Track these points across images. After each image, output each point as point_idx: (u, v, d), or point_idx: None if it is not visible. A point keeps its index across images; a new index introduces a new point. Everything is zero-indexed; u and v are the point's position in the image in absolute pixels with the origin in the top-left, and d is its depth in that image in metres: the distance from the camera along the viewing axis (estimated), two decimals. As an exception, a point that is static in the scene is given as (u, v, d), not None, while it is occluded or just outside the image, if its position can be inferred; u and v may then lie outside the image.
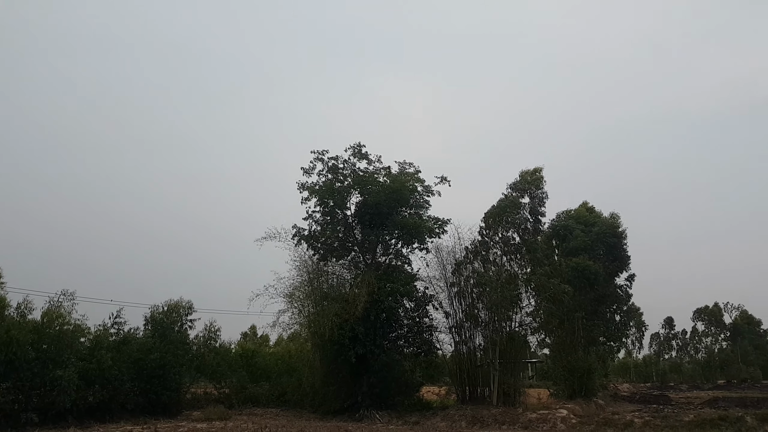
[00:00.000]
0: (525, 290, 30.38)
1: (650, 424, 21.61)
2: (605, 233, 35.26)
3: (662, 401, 33.76)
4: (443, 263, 30.18)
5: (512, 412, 24.40)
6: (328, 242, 28.82)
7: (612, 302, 36.25)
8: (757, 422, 20.24)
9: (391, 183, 28.78)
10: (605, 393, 36.05)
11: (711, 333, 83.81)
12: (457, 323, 29.73)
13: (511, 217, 30.37)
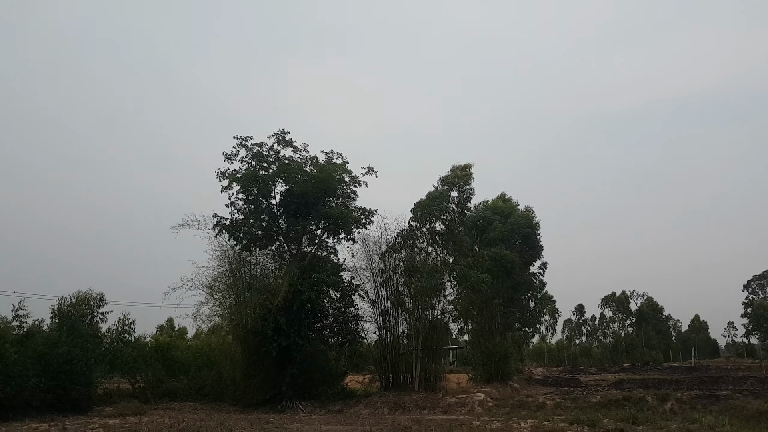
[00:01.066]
0: (448, 279, 31.27)
1: (561, 406, 22.90)
2: (521, 224, 36.84)
3: (573, 384, 35.86)
4: (370, 253, 30.45)
5: (433, 397, 25.08)
6: (251, 232, 28.11)
7: (527, 290, 37.98)
8: (657, 402, 21.95)
9: (318, 172, 28.45)
10: (520, 377, 37.75)
11: (618, 319, 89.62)
12: (383, 312, 30.16)
13: (439, 209, 31.06)
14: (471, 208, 34.12)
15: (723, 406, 19.95)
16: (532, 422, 18.26)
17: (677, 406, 20.95)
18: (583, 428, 16.71)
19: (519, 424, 17.95)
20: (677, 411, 20.32)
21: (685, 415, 19.36)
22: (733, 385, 28.30)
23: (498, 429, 16.58)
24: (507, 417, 20.25)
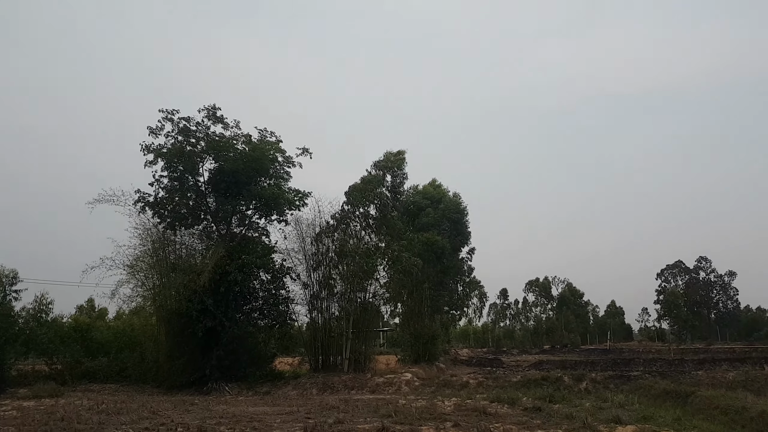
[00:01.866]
0: (380, 263, 31.48)
1: (483, 385, 23.71)
2: (450, 210, 37.58)
3: (495, 364, 37.04)
4: (302, 236, 30.14)
5: (361, 378, 25.28)
6: (176, 210, 27.02)
7: (456, 274, 38.89)
8: (573, 381, 23.12)
9: (250, 151, 27.66)
10: (447, 357, 38.70)
11: (540, 303, 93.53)
12: (314, 295, 30.00)
13: (373, 193, 31.14)
14: (403, 192, 34.40)
15: (633, 386, 21.30)
16: (455, 400, 18.74)
17: (591, 386, 22.14)
18: (503, 406, 17.30)
19: (443, 402, 18.37)
20: (591, 390, 21.48)
21: (598, 393, 20.50)
22: (643, 366, 30.14)
23: (423, 407, 16.86)
24: (432, 396, 20.71)
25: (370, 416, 15.11)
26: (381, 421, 13.32)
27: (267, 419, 15.10)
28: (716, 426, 12.78)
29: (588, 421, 13.33)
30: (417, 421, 14.11)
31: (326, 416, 15.21)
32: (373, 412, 16.01)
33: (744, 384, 20.10)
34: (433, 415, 15.16)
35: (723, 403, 14.32)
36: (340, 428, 13.14)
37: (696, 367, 26.15)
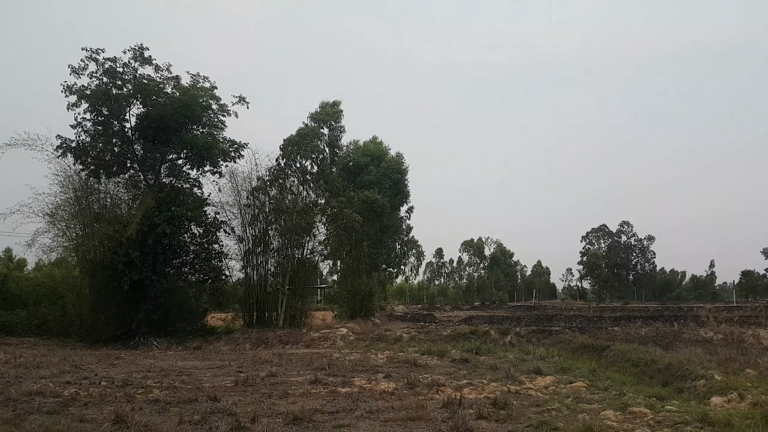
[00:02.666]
0: (319, 219, 31.20)
1: (416, 339, 24.34)
2: (392, 169, 37.46)
3: (429, 320, 38.22)
4: (238, 189, 29.25)
5: (296, 333, 25.33)
6: (100, 156, 25.54)
7: (394, 233, 39.21)
8: (499, 335, 24.08)
9: (181, 96, 26.26)
10: (382, 313, 39.53)
11: (473, 263, 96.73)
12: (250, 250, 29.43)
13: (310, 146, 30.40)
14: (342, 147, 33.82)
15: (554, 340, 22.46)
16: (388, 353, 19.16)
17: (516, 340, 23.18)
18: (433, 358, 17.85)
19: (376, 355, 18.74)
20: (516, 343, 22.49)
21: (522, 347, 21.50)
22: (564, 322, 31.93)
23: (356, 360, 17.14)
24: (366, 349, 21.06)
25: (303, 369, 15.19)
26: (314, 374, 13.41)
27: (197, 373, 14.88)
28: (627, 377, 13.67)
29: (511, 372, 13.97)
30: (350, 373, 14.32)
31: (259, 370, 15.15)
32: (307, 365, 16.12)
33: (654, 339, 21.60)
34: (365, 368, 15.45)
35: (634, 357, 15.31)
36: (273, 381, 13.13)
37: (613, 323, 27.92)
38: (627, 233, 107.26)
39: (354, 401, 10.26)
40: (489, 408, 9.45)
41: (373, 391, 11.45)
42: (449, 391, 11.28)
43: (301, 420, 8.57)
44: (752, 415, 8.36)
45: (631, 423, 8.43)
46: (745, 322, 27.62)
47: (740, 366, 14.55)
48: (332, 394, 11.11)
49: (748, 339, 20.95)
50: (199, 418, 8.67)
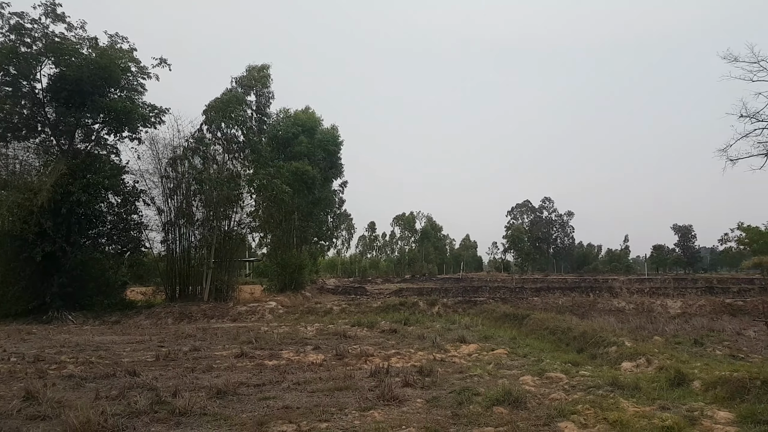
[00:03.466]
0: (247, 190, 30.35)
1: (346, 311, 24.49)
2: (327, 141, 36.85)
3: (360, 292, 38.47)
4: (159, 157, 27.92)
5: (222, 307, 24.77)
6: (7, 119, 23.57)
7: (327, 206, 38.88)
8: (427, 306, 24.63)
9: (98, 57, 24.62)
10: (313, 287, 39.32)
11: (405, 237, 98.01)
12: (171, 221, 28.28)
13: (236, 113, 29.18)
14: (271, 116, 32.65)
15: (478, 310, 23.27)
16: (318, 326, 19.17)
17: (443, 310, 23.82)
18: (362, 329, 18.03)
19: (306, 327, 18.68)
20: (443, 314, 23.13)
21: (448, 316, 22.15)
22: (489, 293, 33.07)
23: (285, 333, 17.01)
24: (296, 322, 20.96)
25: (229, 343, 14.91)
26: (240, 348, 13.20)
27: (115, 348, 14.28)
28: (545, 344, 14.38)
29: (437, 340, 14.35)
30: (278, 346, 14.20)
31: (182, 344, 14.75)
32: (233, 339, 15.84)
33: (571, 309, 22.85)
34: (294, 340, 15.37)
35: (552, 325, 16.11)
36: (197, 355, 12.80)
37: (533, 294, 29.22)
38: (548, 209, 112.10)
39: (281, 373, 10.17)
40: (415, 376, 9.65)
41: (301, 363, 11.41)
42: (377, 360, 11.43)
43: (225, 393, 8.41)
44: (658, 378, 9.00)
45: (547, 387, 8.85)
46: (654, 293, 29.67)
47: (649, 333, 15.67)
48: (259, 367, 10.97)
49: (656, 309, 22.54)
50: (116, 394, 8.35)
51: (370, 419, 6.88)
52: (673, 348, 12.78)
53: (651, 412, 6.97)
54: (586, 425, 6.60)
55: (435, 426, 6.53)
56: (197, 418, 7.09)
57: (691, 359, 10.68)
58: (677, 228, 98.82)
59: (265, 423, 6.71)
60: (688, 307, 22.54)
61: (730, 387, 7.78)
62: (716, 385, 8.04)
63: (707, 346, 13.40)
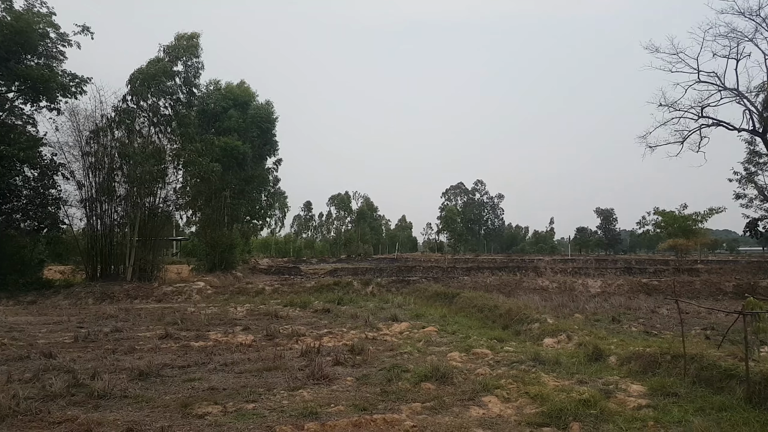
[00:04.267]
0: (173, 165, 29.19)
1: (279, 291, 24.17)
2: (260, 117, 35.80)
3: (294, 272, 38.14)
4: (79, 129, 26.42)
5: (147, 287, 23.85)
6: None
7: (259, 184, 37.96)
8: (361, 286, 24.71)
9: (13, 21, 22.86)
10: (245, 267, 38.56)
11: (341, 217, 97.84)
12: (92, 196, 26.84)
13: (163, 84, 27.80)
14: (199, 86, 31.27)
15: (411, 289, 23.63)
16: (248, 306, 18.83)
17: (377, 290, 24.00)
18: (295, 309, 17.88)
19: (235, 308, 18.31)
20: (376, 293, 23.31)
21: (382, 296, 22.35)
22: (422, 273, 33.64)
23: (213, 314, 16.60)
24: (225, 303, 20.50)
25: (153, 324, 14.42)
26: (165, 329, 12.77)
27: (30, 329, 13.49)
28: (473, 321, 14.82)
29: (369, 319, 14.47)
30: (205, 327, 13.85)
31: (102, 325, 14.12)
32: (158, 320, 15.32)
33: (499, 287, 23.61)
34: (223, 321, 15.04)
35: (480, 303, 16.62)
36: (118, 337, 12.30)
37: (464, 273, 30.00)
38: (481, 191, 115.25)
39: (208, 355, 9.94)
40: (346, 354, 9.69)
41: (229, 344, 11.18)
42: (309, 340, 11.38)
43: (148, 375, 8.15)
44: (577, 354, 9.49)
45: (473, 363, 9.12)
46: (577, 272, 31.18)
47: (570, 311, 16.46)
48: (184, 349, 10.67)
49: (578, 288, 23.67)
50: (30, 376, 7.96)
51: (298, 398, 6.84)
52: (592, 325, 13.48)
53: (570, 385, 7.33)
54: (508, 399, 6.86)
55: (363, 403, 6.59)
56: (117, 400, 6.85)
57: (608, 336, 11.31)
58: (600, 211, 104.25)
59: (189, 404, 6.55)
60: (607, 286, 23.81)
61: (642, 362, 8.30)
62: (630, 360, 8.56)
63: (624, 323, 14.23)
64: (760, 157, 26.85)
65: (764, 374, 6.40)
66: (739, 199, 27.56)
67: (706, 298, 21.77)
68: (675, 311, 16.72)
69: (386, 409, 6.40)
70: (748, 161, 27.43)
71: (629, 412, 6.23)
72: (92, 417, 6.02)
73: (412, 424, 5.73)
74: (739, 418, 5.74)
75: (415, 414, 6.21)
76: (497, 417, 6.17)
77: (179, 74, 28.72)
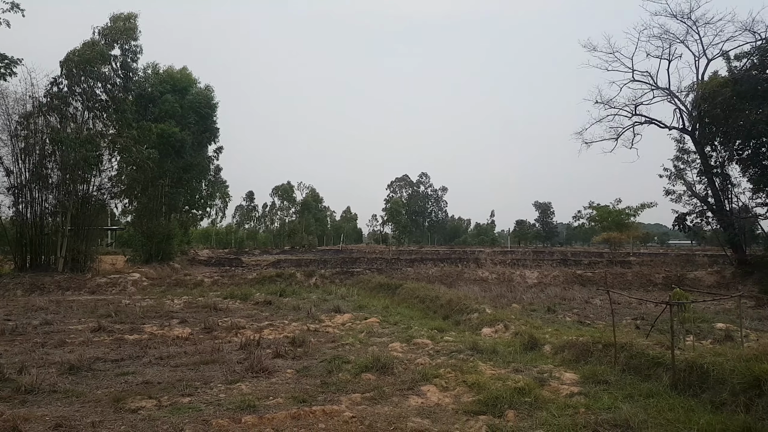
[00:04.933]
0: (108, 152, 27.94)
1: (218, 283, 23.67)
2: (199, 103, 34.51)
3: (235, 264, 37.34)
4: (8, 113, 25.04)
5: (79, 278, 22.83)
6: None
7: (199, 172, 36.80)
8: (304, 277, 24.55)
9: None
10: (184, 258, 37.44)
11: (285, 207, 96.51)
12: (22, 183, 25.38)
13: (98, 67, 26.46)
14: (137, 70, 29.92)
15: (355, 280, 23.69)
16: (186, 298, 18.35)
17: (320, 281, 23.92)
18: (235, 302, 17.56)
19: (173, 300, 17.81)
20: (320, 285, 23.23)
21: (325, 287, 22.30)
22: (366, 264, 33.73)
23: (149, 306, 16.08)
24: (161, 295, 19.90)
25: (86, 317, 13.87)
26: (98, 321, 12.30)
27: (-51, 324, 12.63)
28: (415, 312, 15.05)
29: (312, 311, 14.42)
30: (140, 319, 13.44)
31: (31, 318, 13.47)
32: (91, 312, 14.74)
33: (440, 278, 24.04)
34: (159, 314, 14.63)
35: (422, 294, 16.89)
36: (48, 330, 11.76)
37: (408, 265, 30.28)
38: (425, 184, 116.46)
39: (142, 348, 9.66)
40: (287, 347, 9.62)
41: (165, 337, 10.88)
42: (249, 333, 11.22)
43: (79, 369, 7.85)
44: (513, 342, 9.79)
45: (414, 353, 9.26)
46: (515, 264, 32.04)
47: (508, 301, 16.97)
48: (118, 342, 10.32)
49: (516, 279, 24.41)
50: (-49, 372, 7.45)
51: (236, 392, 6.75)
52: (528, 315, 13.95)
53: (506, 374, 7.56)
54: (447, 388, 7.01)
55: (303, 395, 6.58)
56: (46, 395, 6.59)
57: (543, 325, 11.73)
58: (538, 205, 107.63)
59: (122, 399, 6.35)
60: (543, 277, 24.68)
61: (575, 350, 8.65)
62: (564, 348, 8.91)
63: (559, 313, 14.81)
64: (689, 155, 28.33)
65: (689, 362, 6.70)
66: (669, 194, 28.94)
67: (637, 289, 22.95)
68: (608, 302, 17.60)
69: (326, 401, 6.42)
70: (678, 158, 28.87)
71: (562, 399, 6.45)
72: (19, 413, 5.75)
73: (351, 415, 5.77)
74: (665, 404, 5.99)
75: (355, 404, 6.25)
76: (435, 406, 6.30)
77: (116, 58, 27.43)
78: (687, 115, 27.19)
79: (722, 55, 26.01)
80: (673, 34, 26.85)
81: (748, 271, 24.43)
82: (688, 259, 36.91)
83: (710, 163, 26.68)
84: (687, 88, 27.77)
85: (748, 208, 26.41)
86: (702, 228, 29.16)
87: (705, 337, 10.65)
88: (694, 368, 6.56)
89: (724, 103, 23.75)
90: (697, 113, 26.32)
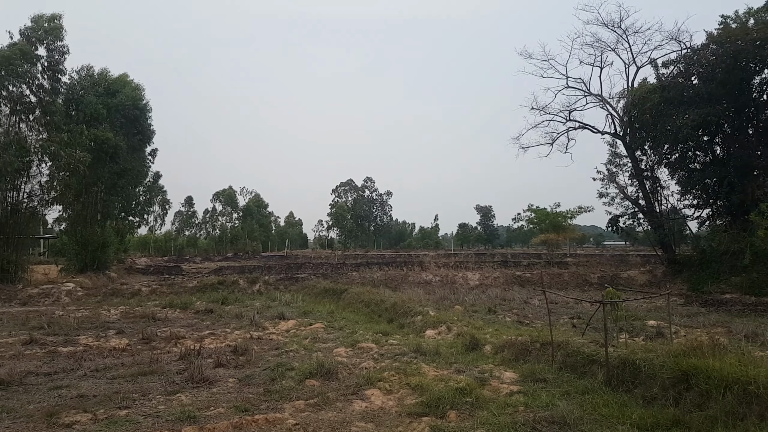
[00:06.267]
0: (37, 158, 26.55)
1: (157, 292, 22.91)
2: (124, 105, 32.99)
3: (175, 272, 36.19)
4: None
5: (9, 289, 21.63)
6: None
7: (135, 178, 35.48)
8: (248, 284, 24.13)
9: None
10: (120, 267, 35.99)
11: (227, 213, 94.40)
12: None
13: (22, 67, 25.10)
14: (65, 71, 28.53)
15: (300, 286, 23.50)
16: (123, 308, 17.69)
17: (264, 288, 23.58)
18: (175, 311, 17.08)
19: (109, 311, 17.13)
20: (264, 291, 22.90)
21: (269, 294, 22.01)
22: (311, 269, 33.47)
23: (84, 317, 15.40)
24: (97, 305, 19.08)
25: (17, 329, 13.21)
26: (30, 334, 11.73)
27: None
28: (360, 316, 15.12)
29: (255, 318, 14.22)
30: (75, 331, 12.89)
31: (-48, 333, 12.61)
32: (22, 324, 14.02)
33: (386, 282, 24.20)
34: (95, 324, 14.07)
35: (367, 298, 16.97)
36: (-29, 345, 11.05)
37: (353, 269, 30.31)
38: (370, 188, 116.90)
39: (77, 360, 9.29)
40: (229, 355, 9.48)
41: (101, 348, 10.49)
42: (189, 342, 10.97)
43: (10, 384, 7.50)
44: (456, 344, 10.02)
45: (359, 357, 9.33)
46: (458, 266, 32.62)
47: (451, 303, 17.28)
48: (51, 355, 9.88)
49: (459, 281, 24.87)
50: None
51: (176, 403, 6.61)
52: (470, 316, 14.28)
53: (448, 375, 7.74)
54: (390, 391, 7.11)
55: (245, 404, 6.52)
56: (-29, 414, 6.21)
57: (485, 326, 12.04)
58: (479, 208, 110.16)
59: (55, 414, 6.10)
60: (485, 279, 25.28)
61: (515, 350, 8.95)
62: (504, 348, 9.20)
63: (499, 313, 15.21)
64: (621, 159, 29.64)
65: (622, 359, 7.01)
66: (603, 197, 30.21)
67: (574, 289, 23.86)
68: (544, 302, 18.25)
69: (269, 409, 6.39)
70: (610, 162, 30.17)
71: (502, 398, 6.65)
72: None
73: (295, 422, 5.78)
74: (600, 400, 6.27)
75: (299, 412, 6.26)
76: (379, 409, 6.39)
77: (42, 59, 26.09)
78: (618, 120, 28.48)
79: (651, 62, 27.32)
80: (604, 43, 28.07)
81: (678, 269, 25.66)
82: (622, 259, 38.66)
83: (641, 166, 27.96)
84: (618, 94, 29.05)
85: (676, 209, 27.87)
86: (634, 229, 30.52)
87: (638, 334, 11.18)
88: (626, 365, 6.87)
89: (653, 109, 24.95)
90: (628, 119, 27.56)
